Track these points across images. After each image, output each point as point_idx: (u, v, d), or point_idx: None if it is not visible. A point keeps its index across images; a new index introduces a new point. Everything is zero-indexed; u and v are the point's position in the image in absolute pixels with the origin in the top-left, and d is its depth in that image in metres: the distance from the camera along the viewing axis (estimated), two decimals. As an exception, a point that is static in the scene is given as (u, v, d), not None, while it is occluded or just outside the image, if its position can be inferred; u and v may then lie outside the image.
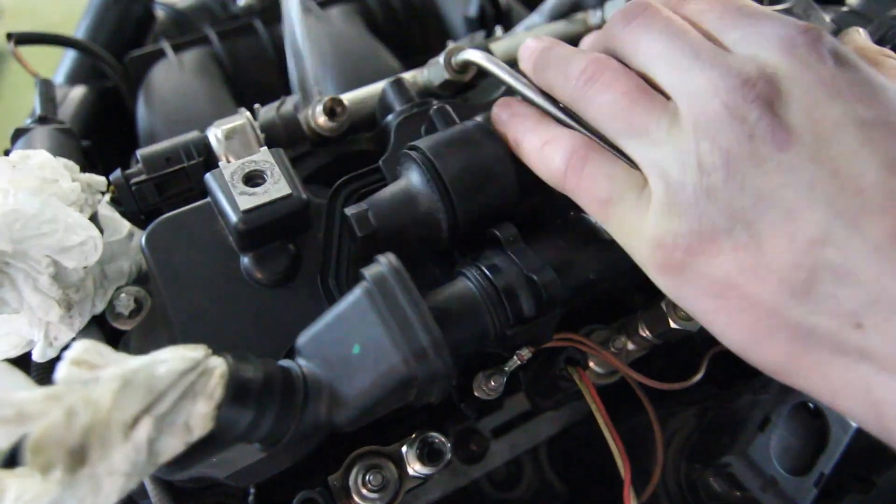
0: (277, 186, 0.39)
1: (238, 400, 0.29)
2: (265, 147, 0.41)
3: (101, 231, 0.43)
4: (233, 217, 0.38)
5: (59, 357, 0.42)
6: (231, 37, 0.73)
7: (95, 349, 0.26)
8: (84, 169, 0.46)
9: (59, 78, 0.74)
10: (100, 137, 0.64)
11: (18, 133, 0.53)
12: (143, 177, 0.48)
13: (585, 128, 0.38)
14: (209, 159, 0.49)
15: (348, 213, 0.39)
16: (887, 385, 0.27)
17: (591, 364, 0.47)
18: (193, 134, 0.50)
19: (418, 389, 0.33)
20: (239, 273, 0.42)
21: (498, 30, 0.63)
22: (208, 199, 0.42)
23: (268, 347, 0.40)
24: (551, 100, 0.40)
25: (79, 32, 0.76)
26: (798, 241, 0.28)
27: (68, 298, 0.41)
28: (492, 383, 0.42)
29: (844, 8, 0.57)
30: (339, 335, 0.32)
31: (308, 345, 0.34)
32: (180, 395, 0.26)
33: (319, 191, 0.47)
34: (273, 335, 0.41)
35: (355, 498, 0.42)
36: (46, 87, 0.57)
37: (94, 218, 0.44)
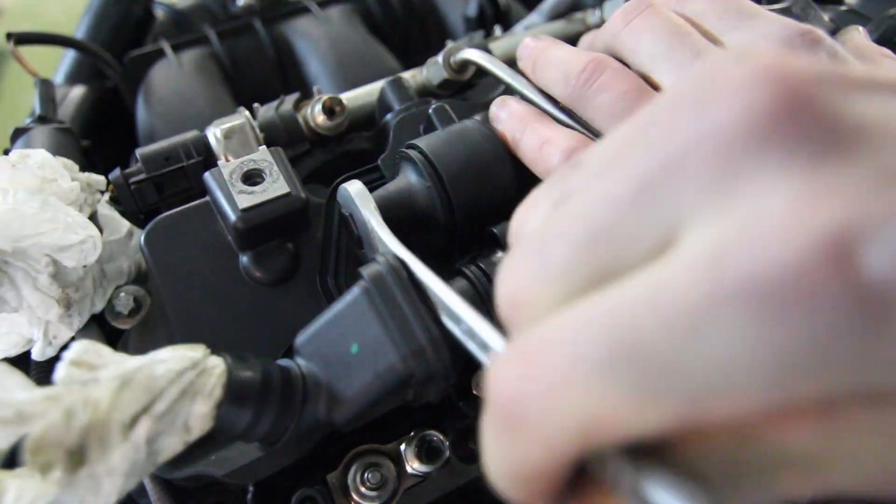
0: (276, 185, 0.39)
1: (237, 399, 0.29)
2: (264, 146, 0.41)
3: (101, 230, 0.43)
4: (232, 216, 0.38)
5: (59, 356, 0.42)
6: (231, 37, 0.73)
7: (94, 349, 0.26)
8: (84, 168, 0.46)
9: (59, 78, 0.74)
10: (99, 137, 0.64)
11: (18, 132, 0.53)
12: (143, 176, 0.48)
13: (584, 127, 0.38)
14: (208, 158, 0.49)
15: (345, 213, 0.39)
16: None
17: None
18: (193, 133, 0.50)
19: (417, 388, 0.33)
20: (238, 272, 0.42)
21: (497, 29, 0.63)
22: (207, 198, 0.42)
23: (266, 346, 0.40)
24: (550, 99, 0.40)
25: (79, 32, 0.76)
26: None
27: (67, 297, 0.41)
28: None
29: (843, 7, 0.57)
30: (338, 334, 0.33)
31: (306, 344, 0.34)
32: (179, 395, 0.26)
33: (318, 190, 0.47)
34: (272, 334, 0.41)
35: (354, 496, 0.42)
36: (46, 87, 0.57)
37: (94, 217, 0.44)
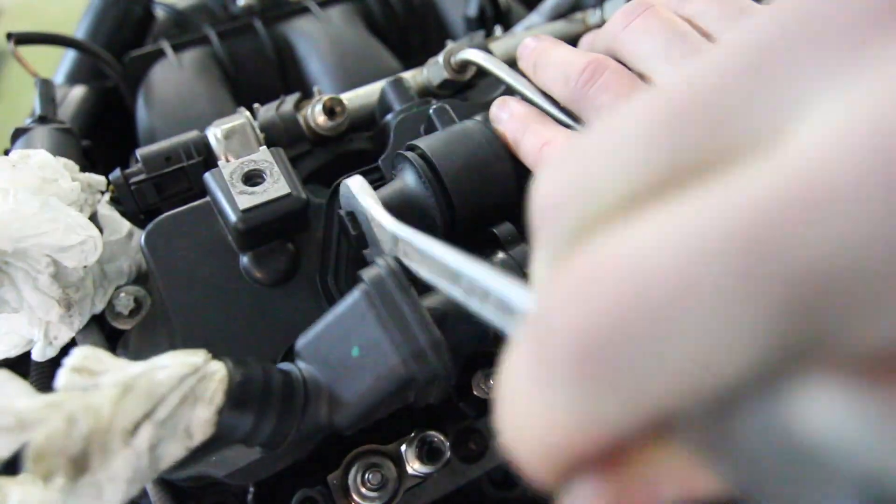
0: (277, 186, 0.39)
1: (238, 404, 0.29)
2: (264, 146, 0.41)
3: (101, 230, 0.43)
4: (232, 216, 0.38)
5: (59, 357, 0.42)
6: (231, 37, 0.72)
7: (95, 356, 0.26)
8: (84, 168, 0.46)
9: (59, 78, 0.74)
10: (100, 137, 0.64)
11: (18, 133, 0.53)
12: (143, 176, 0.48)
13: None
14: (209, 159, 0.49)
15: (342, 213, 0.39)
16: None
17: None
18: (193, 133, 0.50)
19: (418, 390, 0.33)
20: (238, 272, 0.42)
21: (497, 29, 0.63)
22: (208, 199, 0.42)
23: (267, 346, 0.40)
24: (550, 100, 0.40)
25: (79, 32, 0.76)
26: None
27: (68, 298, 0.41)
28: (491, 382, 0.42)
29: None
30: (338, 337, 0.32)
31: (307, 347, 0.34)
32: (180, 401, 0.26)
33: (319, 190, 0.47)
34: (272, 334, 0.41)
35: (354, 497, 0.42)
36: (46, 87, 0.57)
37: (94, 217, 0.44)
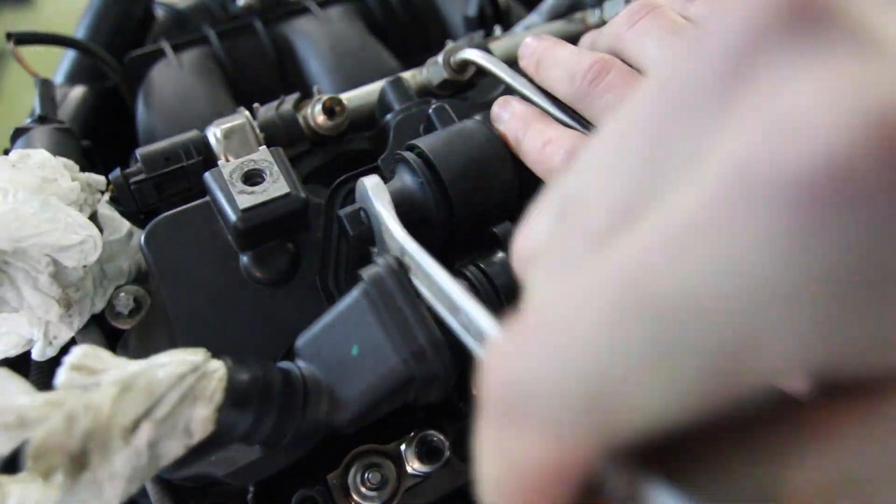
0: (276, 185, 0.39)
1: (238, 403, 0.29)
2: (264, 146, 0.41)
3: (101, 230, 0.43)
4: (232, 216, 0.38)
5: (59, 357, 0.42)
6: (231, 37, 0.73)
7: (95, 354, 0.26)
8: (84, 168, 0.46)
9: (59, 78, 0.74)
10: (100, 137, 0.64)
11: (18, 132, 0.53)
12: (143, 176, 0.48)
13: (587, 128, 0.38)
14: (208, 158, 0.49)
15: (340, 213, 0.39)
16: None
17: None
18: (193, 133, 0.50)
19: (417, 389, 0.33)
20: (238, 272, 0.42)
21: (497, 29, 0.63)
22: (207, 199, 0.42)
23: (267, 346, 0.40)
24: (552, 99, 0.40)
25: (79, 32, 0.76)
26: None
27: (68, 297, 0.41)
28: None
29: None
30: (338, 337, 0.33)
31: (307, 346, 0.34)
32: (180, 399, 0.26)
33: (318, 190, 0.47)
34: (272, 334, 0.41)
35: (354, 496, 0.42)
36: (46, 87, 0.57)
37: (94, 217, 0.44)
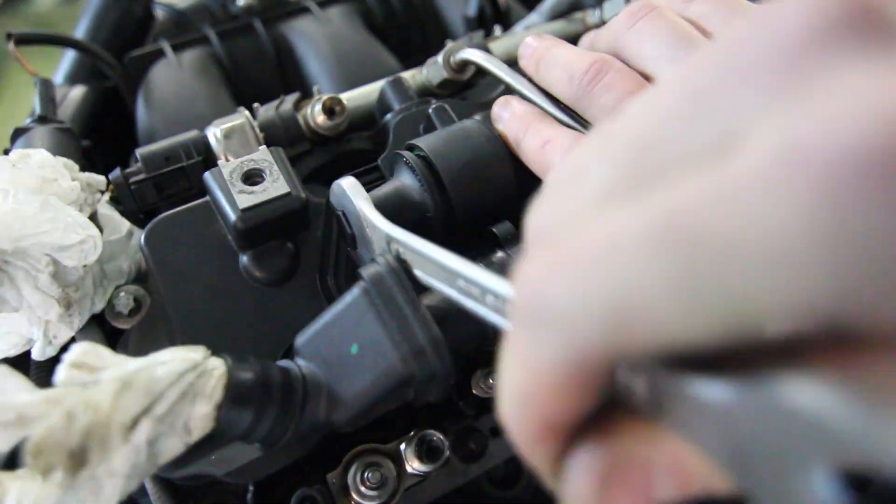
0: (276, 185, 0.39)
1: (237, 401, 0.29)
2: (264, 146, 0.41)
3: (101, 230, 0.43)
4: (231, 215, 0.38)
5: (59, 356, 0.42)
6: (231, 37, 0.73)
7: (94, 351, 0.26)
8: (84, 168, 0.46)
9: (59, 78, 0.74)
10: (100, 137, 0.64)
11: (18, 132, 0.53)
12: (143, 176, 0.48)
13: (586, 128, 0.38)
14: (208, 158, 0.49)
15: (338, 213, 0.39)
16: None
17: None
18: (193, 133, 0.50)
19: (417, 389, 0.33)
20: (238, 271, 0.42)
21: (497, 29, 0.63)
22: (207, 198, 0.42)
23: (266, 345, 0.40)
24: (552, 99, 0.40)
25: (79, 32, 0.76)
26: None
27: (68, 297, 0.41)
28: (490, 381, 0.42)
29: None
30: (338, 335, 0.33)
31: (307, 345, 0.34)
32: (180, 397, 0.26)
33: (318, 190, 0.47)
34: (272, 333, 0.41)
35: (354, 496, 0.42)
36: (46, 87, 0.57)
37: (94, 217, 0.44)
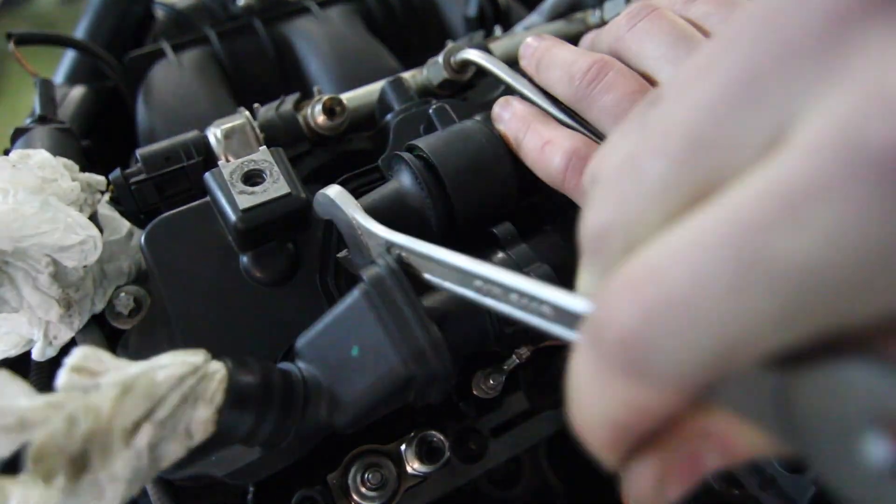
0: (276, 185, 0.39)
1: (238, 404, 0.29)
2: (264, 146, 0.41)
3: (101, 230, 0.43)
4: (232, 216, 0.38)
5: (59, 357, 0.42)
6: (231, 37, 0.73)
7: (95, 356, 0.26)
8: (84, 168, 0.46)
9: (59, 78, 0.74)
10: (100, 137, 0.64)
11: (18, 133, 0.53)
12: (143, 176, 0.48)
13: (586, 128, 0.38)
14: (208, 159, 0.49)
15: (325, 218, 0.39)
16: None
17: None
18: (193, 133, 0.50)
19: (417, 390, 0.33)
20: (238, 272, 0.42)
21: (497, 29, 0.63)
22: (207, 199, 0.42)
23: (267, 346, 0.40)
24: (552, 99, 0.40)
25: (79, 32, 0.76)
26: None
27: (68, 297, 0.41)
28: (490, 382, 0.42)
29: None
30: (338, 337, 0.33)
31: (307, 347, 0.34)
32: (180, 401, 0.26)
33: (318, 190, 0.47)
34: (272, 334, 0.41)
35: (354, 496, 0.42)
36: (46, 87, 0.57)
37: (94, 217, 0.44)
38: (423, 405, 0.36)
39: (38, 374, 0.46)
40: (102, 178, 0.46)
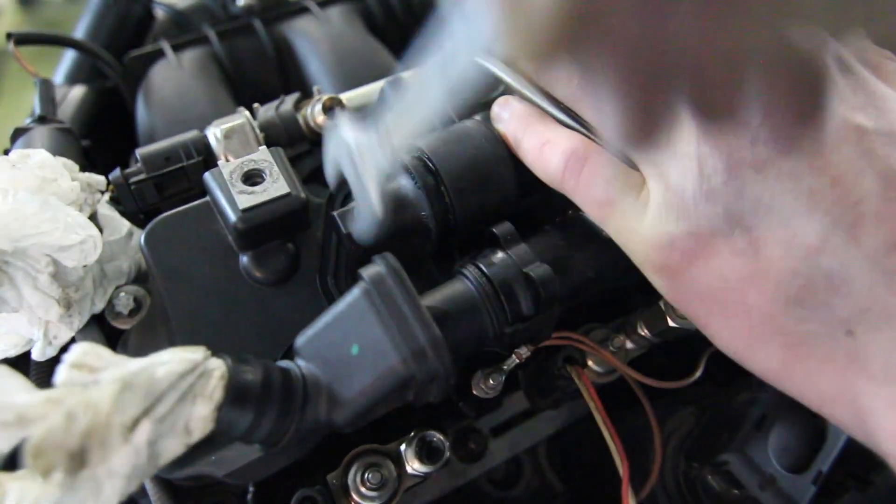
0: (276, 185, 0.39)
1: (237, 401, 0.29)
2: (264, 146, 0.41)
3: (101, 230, 0.43)
4: (232, 216, 0.38)
5: (59, 356, 0.42)
6: (231, 37, 0.73)
7: (95, 352, 0.26)
8: (84, 168, 0.46)
9: (59, 78, 0.75)
10: (99, 137, 0.64)
11: (18, 132, 0.53)
12: (143, 176, 0.48)
13: (585, 128, 0.38)
14: (208, 158, 0.49)
15: (334, 214, 0.39)
16: (873, 393, 0.27)
17: (590, 363, 0.47)
18: (193, 133, 0.50)
19: (417, 389, 0.33)
20: (238, 272, 0.42)
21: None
22: (207, 199, 0.42)
23: (266, 346, 0.40)
24: (551, 99, 0.40)
25: (79, 32, 0.76)
26: (795, 248, 0.28)
27: (68, 297, 0.41)
28: (490, 382, 0.42)
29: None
30: (338, 336, 0.33)
31: (307, 345, 0.34)
32: (180, 397, 0.26)
33: (319, 190, 0.47)
34: (272, 334, 0.41)
35: (354, 496, 0.42)
36: (46, 87, 0.57)
37: (94, 217, 0.44)
38: (423, 405, 0.36)
39: (38, 374, 0.46)
40: (102, 178, 0.46)
